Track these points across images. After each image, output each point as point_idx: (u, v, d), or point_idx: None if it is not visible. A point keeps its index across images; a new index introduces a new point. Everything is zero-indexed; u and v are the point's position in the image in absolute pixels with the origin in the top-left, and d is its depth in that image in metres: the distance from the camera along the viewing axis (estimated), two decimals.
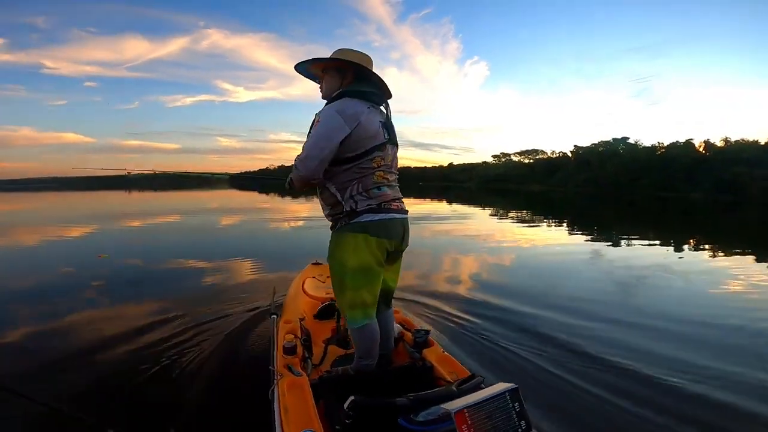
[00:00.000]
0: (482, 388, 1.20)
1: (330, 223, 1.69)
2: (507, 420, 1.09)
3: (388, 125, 1.67)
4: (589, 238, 9.31)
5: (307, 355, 1.82)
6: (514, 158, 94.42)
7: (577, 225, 12.94)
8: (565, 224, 12.76)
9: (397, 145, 1.72)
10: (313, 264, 3.20)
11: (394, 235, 1.63)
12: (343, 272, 1.59)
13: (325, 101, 1.67)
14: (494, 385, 1.15)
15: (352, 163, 1.55)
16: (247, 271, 5.07)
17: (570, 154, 71.67)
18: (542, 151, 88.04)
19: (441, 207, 19.01)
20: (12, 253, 6.81)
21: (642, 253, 7.14)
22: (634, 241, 8.59)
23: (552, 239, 8.89)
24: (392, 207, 1.62)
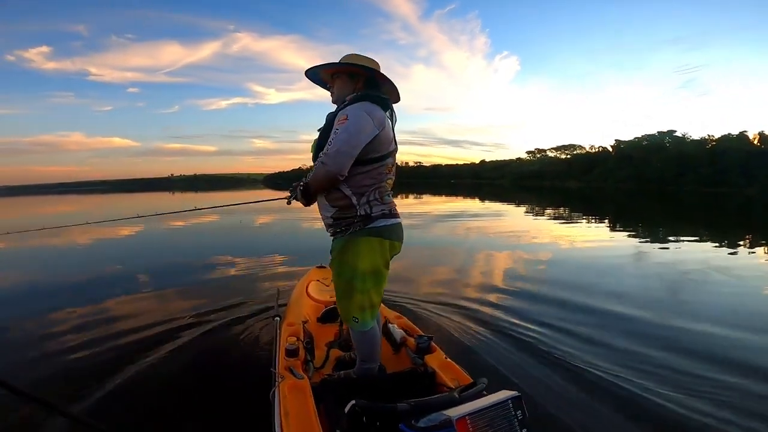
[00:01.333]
0: (484, 395, 1.19)
1: (330, 227, 1.66)
2: (509, 428, 1.08)
3: (394, 132, 1.69)
4: (631, 235, 8.82)
5: (309, 358, 1.82)
6: (550, 154, 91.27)
7: (618, 222, 12.30)
8: (606, 222, 12.20)
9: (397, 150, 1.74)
10: (317, 267, 3.19)
11: (401, 238, 1.71)
12: (353, 275, 1.58)
13: (337, 106, 1.67)
14: (497, 393, 1.14)
15: (370, 166, 1.56)
16: (253, 273, 5.02)
17: (611, 149, 68.45)
18: (580, 146, 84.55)
19: (473, 204, 18.73)
20: (42, 252, 7.33)
21: (691, 252, 6.72)
22: (682, 240, 8.09)
23: (590, 236, 8.51)
24: (395, 212, 1.68)
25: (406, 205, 18.15)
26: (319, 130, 1.67)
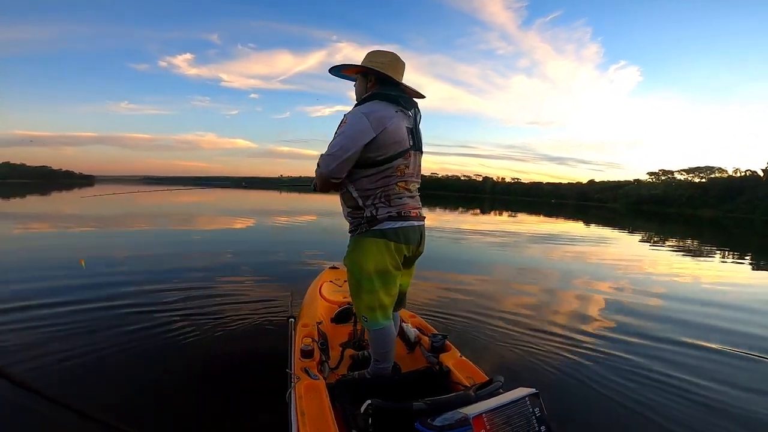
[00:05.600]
0: (501, 393, 1.17)
1: (348, 225, 1.71)
2: (527, 425, 1.06)
3: (414, 131, 1.66)
4: None
5: (324, 359, 1.83)
6: (679, 176, 79.47)
7: (765, 260, 10.06)
8: (747, 258, 10.03)
9: (422, 152, 1.71)
10: (330, 268, 3.21)
11: (413, 241, 1.65)
12: (360, 275, 1.60)
13: (356, 103, 1.70)
14: (514, 390, 1.13)
15: (375, 169, 1.55)
16: (269, 274, 4.91)
17: (761, 174, 56.71)
18: (720, 168, 72.26)
19: (575, 228, 17.06)
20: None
21: None
22: None
23: (717, 272, 7.11)
24: (411, 215, 1.64)
25: (497, 222, 17.39)
26: None
